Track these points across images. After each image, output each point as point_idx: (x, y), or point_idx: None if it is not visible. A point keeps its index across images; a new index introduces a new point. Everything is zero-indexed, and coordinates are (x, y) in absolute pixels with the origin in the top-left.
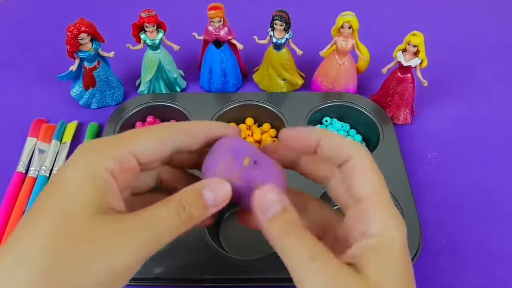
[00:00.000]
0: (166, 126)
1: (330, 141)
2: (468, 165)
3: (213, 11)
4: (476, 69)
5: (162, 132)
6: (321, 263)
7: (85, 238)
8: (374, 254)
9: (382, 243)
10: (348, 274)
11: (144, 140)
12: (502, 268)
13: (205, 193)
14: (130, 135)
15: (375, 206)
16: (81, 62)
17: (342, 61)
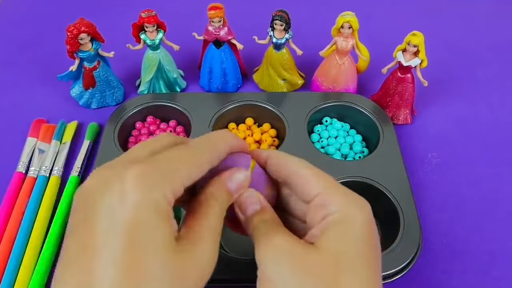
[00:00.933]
0: (203, 148)
1: (275, 159)
2: (468, 165)
3: (213, 11)
4: (476, 69)
5: (202, 156)
6: (277, 240)
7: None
8: (332, 229)
9: (340, 218)
10: (302, 246)
11: (192, 169)
12: (502, 268)
13: (229, 186)
14: (178, 163)
15: (332, 193)
16: (81, 62)
17: (342, 61)
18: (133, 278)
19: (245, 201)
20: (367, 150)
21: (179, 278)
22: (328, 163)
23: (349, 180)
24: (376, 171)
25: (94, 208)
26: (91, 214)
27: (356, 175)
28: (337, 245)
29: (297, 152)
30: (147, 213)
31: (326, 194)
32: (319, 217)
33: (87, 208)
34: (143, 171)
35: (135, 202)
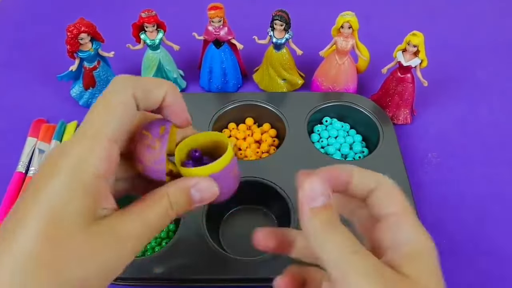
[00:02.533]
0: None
1: (360, 175)
2: (468, 165)
3: (213, 11)
4: (476, 69)
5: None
6: (364, 256)
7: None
8: (411, 258)
9: (418, 250)
10: (391, 270)
11: (113, 124)
12: (502, 268)
13: (192, 193)
14: (98, 121)
15: (406, 219)
16: (81, 62)
17: (342, 61)
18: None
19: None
20: (367, 150)
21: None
22: (328, 163)
23: None
24: (376, 171)
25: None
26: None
27: None
28: (427, 277)
29: (297, 152)
30: (68, 183)
31: (402, 218)
32: (390, 240)
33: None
34: (70, 145)
35: (58, 171)
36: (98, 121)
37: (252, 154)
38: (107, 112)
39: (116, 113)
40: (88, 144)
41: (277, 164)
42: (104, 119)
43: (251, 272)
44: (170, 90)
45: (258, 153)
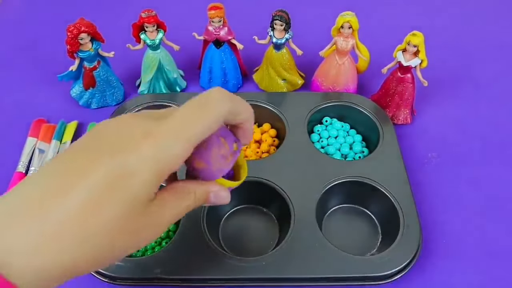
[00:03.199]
0: (211, 113)
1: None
2: (468, 165)
3: (213, 11)
4: (476, 69)
5: (211, 120)
6: None
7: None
8: None
9: None
10: None
11: (200, 133)
12: (502, 268)
13: (211, 196)
14: (188, 123)
15: None
16: (81, 62)
17: (342, 61)
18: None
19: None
20: (367, 150)
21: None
22: (328, 163)
23: (349, 180)
24: (376, 171)
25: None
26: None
27: (356, 175)
28: None
29: (297, 152)
30: (147, 174)
31: None
32: None
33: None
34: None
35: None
36: (194, 125)
37: (252, 154)
38: (204, 119)
39: (210, 123)
40: (177, 140)
41: (277, 164)
42: (200, 125)
43: (251, 272)
44: (251, 117)
45: (258, 153)
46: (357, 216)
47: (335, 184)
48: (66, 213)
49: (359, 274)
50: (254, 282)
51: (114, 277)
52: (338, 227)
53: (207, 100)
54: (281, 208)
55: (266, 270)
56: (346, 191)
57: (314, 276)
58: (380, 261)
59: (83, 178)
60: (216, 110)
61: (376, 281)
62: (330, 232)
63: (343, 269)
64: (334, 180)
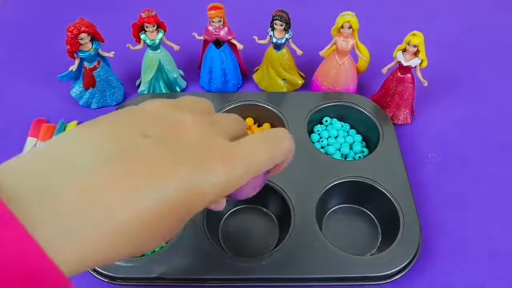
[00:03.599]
0: (280, 153)
1: None
2: (468, 165)
3: (213, 11)
4: (476, 69)
5: (277, 161)
6: None
7: None
8: None
9: None
10: None
11: (265, 169)
12: (502, 268)
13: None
14: (259, 158)
15: None
16: (81, 62)
17: (342, 61)
18: None
19: None
20: (367, 150)
21: None
22: (328, 163)
23: (349, 180)
24: (376, 171)
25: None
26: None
27: (356, 175)
28: None
29: (297, 152)
30: (213, 192)
31: None
32: None
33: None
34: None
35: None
36: (265, 162)
37: None
38: (274, 158)
39: (276, 162)
40: (246, 175)
41: None
42: (269, 162)
43: (251, 272)
44: (289, 158)
45: None
46: (357, 216)
47: (335, 184)
48: (131, 213)
49: (359, 274)
50: (254, 282)
51: (114, 277)
52: (338, 227)
53: (282, 140)
54: (281, 208)
55: (266, 270)
56: (346, 191)
57: (314, 276)
58: (380, 261)
59: (157, 182)
60: (284, 152)
61: (376, 281)
62: (330, 232)
63: (343, 269)
64: (334, 180)
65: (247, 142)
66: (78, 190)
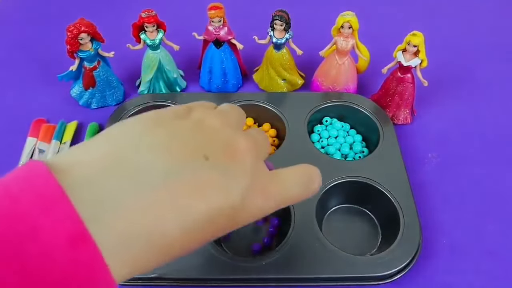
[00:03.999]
0: (306, 197)
1: None
2: (468, 165)
3: (213, 11)
4: (476, 69)
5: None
6: None
7: None
8: None
9: None
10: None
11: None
12: (502, 268)
13: None
14: (290, 195)
15: None
16: (81, 62)
17: (342, 61)
18: None
19: None
20: (367, 150)
21: None
22: (328, 163)
23: (349, 180)
24: (376, 171)
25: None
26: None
27: (356, 175)
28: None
29: (297, 152)
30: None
31: None
32: None
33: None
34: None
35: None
36: (293, 200)
37: None
38: (302, 199)
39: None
40: (275, 208)
41: (277, 164)
42: (297, 201)
43: (251, 272)
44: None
45: None
46: (357, 216)
47: (335, 184)
48: (182, 232)
49: (359, 274)
50: (254, 282)
51: None
52: (338, 227)
53: (314, 181)
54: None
55: (266, 270)
56: (346, 191)
57: (314, 276)
58: (380, 261)
59: (208, 204)
60: (312, 193)
61: (376, 281)
62: (330, 232)
63: (343, 269)
64: (334, 180)
65: (284, 178)
66: (137, 203)
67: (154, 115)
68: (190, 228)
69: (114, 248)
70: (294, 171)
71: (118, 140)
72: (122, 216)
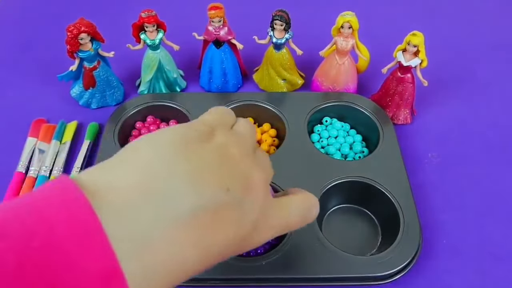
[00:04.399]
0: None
1: None
2: (468, 165)
3: (213, 11)
4: (476, 69)
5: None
6: None
7: None
8: None
9: None
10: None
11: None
12: (502, 268)
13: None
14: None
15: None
16: (81, 62)
17: (342, 61)
18: None
19: None
20: (367, 150)
21: None
22: (328, 163)
23: (349, 180)
24: (376, 171)
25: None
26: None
27: (356, 175)
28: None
29: (297, 152)
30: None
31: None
32: None
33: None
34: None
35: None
36: (284, 230)
37: None
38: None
39: None
40: (269, 237)
41: (277, 164)
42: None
43: (251, 272)
44: None
45: None
46: (357, 216)
47: (335, 184)
48: (200, 268)
49: (359, 274)
50: (254, 282)
51: None
52: (338, 227)
53: (313, 209)
54: None
55: (266, 270)
56: (346, 191)
57: (314, 276)
58: (380, 261)
59: (225, 241)
60: (310, 221)
61: (376, 281)
62: (330, 232)
63: (343, 269)
64: (334, 180)
65: (285, 207)
66: (165, 235)
67: (183, 136)
68: (206, 256)
69: (140, 280)
70: (295, 200)
71: (153, 166)
72: (150, 249)
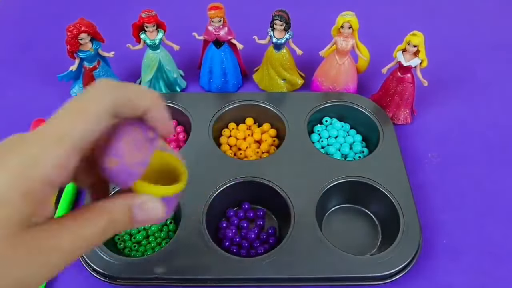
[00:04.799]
0: (88, 109)
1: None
2: (468, 165)
3: (213, 11)
4: (476, 69)
5: (89, 117)
6: None
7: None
8: None
9: None
10: None
11: (78, 136)
12: (502, 268)
13: (135, 212)
14: (67, 126)
15: None
16: (81, 62)
17: (342, 61)
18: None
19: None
20: (367, 150)
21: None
22: (328, 163)
23: (349, 180)
24: (376, 171)
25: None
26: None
27: (356, 175)
28: None
29: (297, 152)
30: (8, 186)
31: None
32: None
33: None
34: (28, 141)
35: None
36: (67, 126)
37: (252, 154)
38: (79, 118)
39: (89, 122)
40: (46, 147)
41: (277, 164)
42: (75, 125)
43: (251, 272)
44: (156, 104)
45: (258, 153)
46: (357, 216)
47: (335, 184)
48: None
49: (359, 274)
50: (254, 282)
51: (114, 277)
52: (338, 227)
53: (83, 96)
54: (281, 208)
55: (266, 270)
56: (346, 191)
57: (314, 276)
58: (380, 261)
59: None
60: (94, 105)
61: (376, 281)
62: (330, 232)
63: (343, 269)
64: (334, 180)
65: (48, 120)
66: None
67: None
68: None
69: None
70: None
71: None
72: None
